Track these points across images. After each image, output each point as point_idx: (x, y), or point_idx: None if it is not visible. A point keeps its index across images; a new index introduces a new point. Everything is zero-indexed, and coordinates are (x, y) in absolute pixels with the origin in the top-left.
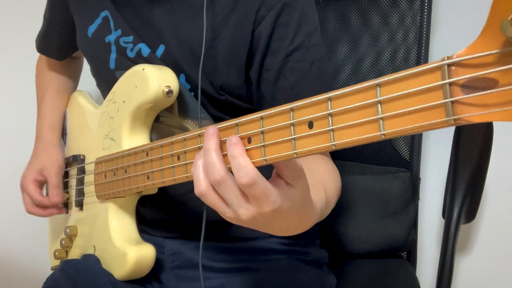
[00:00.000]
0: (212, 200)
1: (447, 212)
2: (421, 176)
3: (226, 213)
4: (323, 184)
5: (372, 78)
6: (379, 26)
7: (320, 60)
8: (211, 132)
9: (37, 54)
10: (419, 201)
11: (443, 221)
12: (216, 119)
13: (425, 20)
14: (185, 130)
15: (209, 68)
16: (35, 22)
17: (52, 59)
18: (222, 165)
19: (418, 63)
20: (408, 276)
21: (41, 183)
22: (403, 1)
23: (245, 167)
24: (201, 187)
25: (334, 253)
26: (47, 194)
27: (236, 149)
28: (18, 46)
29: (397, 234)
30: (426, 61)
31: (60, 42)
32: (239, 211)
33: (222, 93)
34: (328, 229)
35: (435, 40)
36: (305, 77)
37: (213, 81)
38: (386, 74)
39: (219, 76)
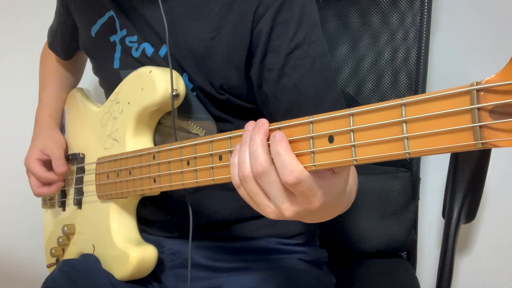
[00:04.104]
0: (251, 188)
1: (447, 212)
2: (421, 176)
3: (267, 207)
4: None
5: (372, 78)
6: (379, 26)
7: (322, 56)
8: (260, 123)
9: (38, 53)
10: (419, 201)
11: (443, 221)
12: (218, 119)
13: (425, 20)
14: (185, 131)
15: (209, 67)
16: (41, 18)
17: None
18: (266, 157)
19: (418, 63)
20: (408, 276)
21: (45, 162)
22: (403, 1)
23: (290, 164)
24: (245, 171)
25: (334, 253)
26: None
27: (280, 145)
28: (21, 44)
29: (397, 234)
30: (426, 61)
31: (63, 44)
32: (283, 207)
33: (223, 92)
34: (328, 229)
35: (435, 40)
36: (308, 74)
37: (213, 81)
38: (386, 75)
39: (218, 76)
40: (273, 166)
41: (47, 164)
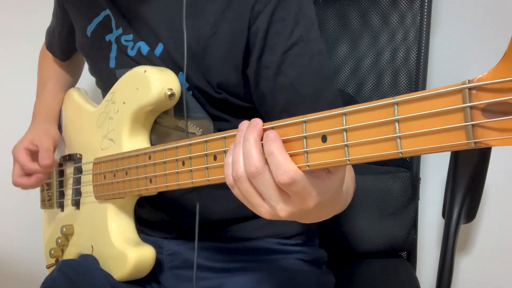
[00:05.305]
0: (245, 188)
1: (447, 212)
2: (421, 176)
3: (261, 207)
4: None
5: (372, 78)
6: (379, 26)
7: (319, 54)
8: (254, 123)
9: (37, 53)
10: (419, 201)
11: (443, 221)
12: (215, 118)
13: (425, 20)
14: (180, 130)
15: (206, 66)
16: (40, 18)
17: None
18: (260, 157)
19: (418, 63)
20: (408, 276)
21: (33, 153)
22: (403, 1)
23: (284, 164)
24: (239, 171)
25: (334, 253)
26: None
27: (273, 145)
28: (20, 44)
29: (397, 234)
30: (426, 61)
31: (61, 45)
32: (277, 207)
33: (220, 91)
34: (328, 229)
35: (435, 40)
36: (305, 72)
37: (210, 80)
38: (386, 75)
39: (215, 74)
40: (267, 166)
41: (35, 156)
